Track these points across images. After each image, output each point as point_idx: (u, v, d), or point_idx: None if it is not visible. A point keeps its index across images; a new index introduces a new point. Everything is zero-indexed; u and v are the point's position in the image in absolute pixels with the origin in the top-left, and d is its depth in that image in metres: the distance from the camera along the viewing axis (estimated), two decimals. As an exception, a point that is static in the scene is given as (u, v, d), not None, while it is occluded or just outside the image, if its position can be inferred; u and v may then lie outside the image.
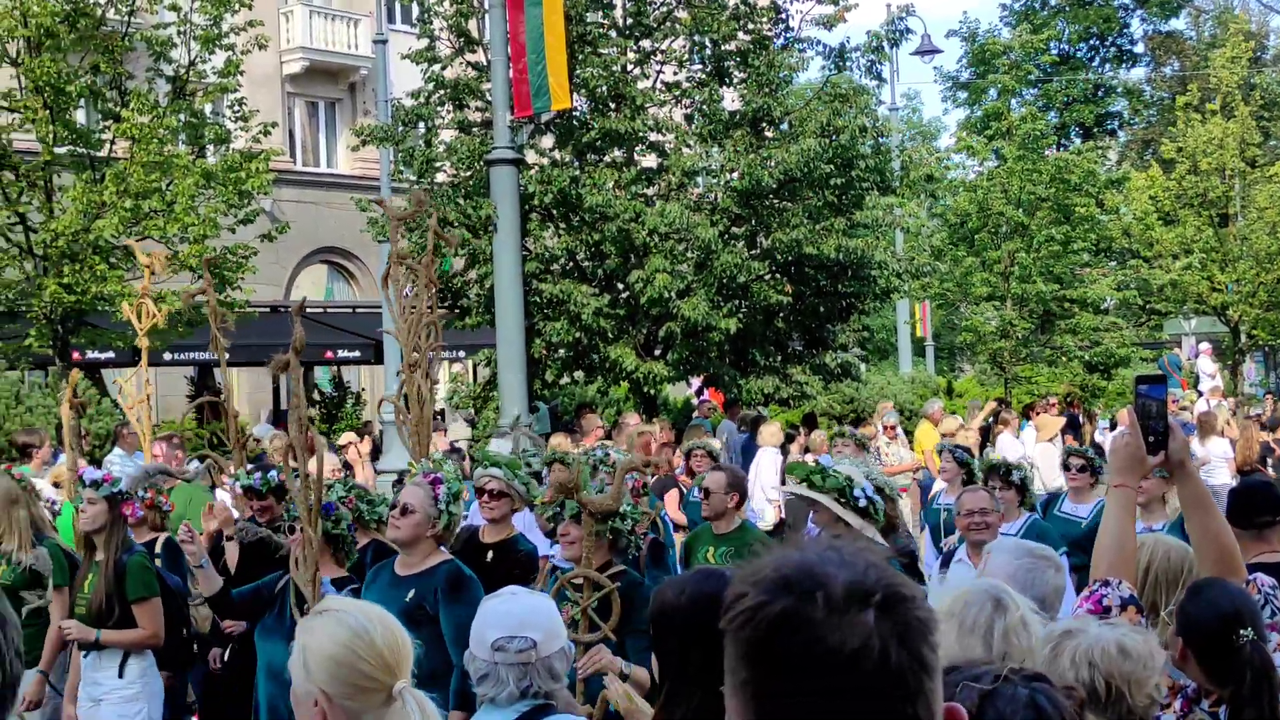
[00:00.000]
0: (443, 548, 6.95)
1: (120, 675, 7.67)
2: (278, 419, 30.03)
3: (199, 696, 9.16)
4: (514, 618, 4.03)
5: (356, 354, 28.51)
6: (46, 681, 8.13)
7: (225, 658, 8.59)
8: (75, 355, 20.83)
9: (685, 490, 12.91)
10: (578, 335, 20.34)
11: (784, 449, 17.53)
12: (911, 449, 19.56)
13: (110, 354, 23.13)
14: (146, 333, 11.40)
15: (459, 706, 6.28)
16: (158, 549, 8.89)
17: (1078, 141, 45.22)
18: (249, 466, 9.39)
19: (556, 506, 6.56)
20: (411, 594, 6.53)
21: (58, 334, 20.16)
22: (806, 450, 17.05)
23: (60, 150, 20.41)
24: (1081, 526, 9.34)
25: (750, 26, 21.45)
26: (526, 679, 3.98)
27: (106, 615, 7.62)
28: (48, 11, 19.52)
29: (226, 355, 10.37)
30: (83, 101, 21.04)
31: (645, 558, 7.70)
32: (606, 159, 21.07)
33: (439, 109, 21.72)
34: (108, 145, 21.01)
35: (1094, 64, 53.14)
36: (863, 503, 6.94)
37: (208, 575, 7.28)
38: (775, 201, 21.02)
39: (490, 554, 7.90)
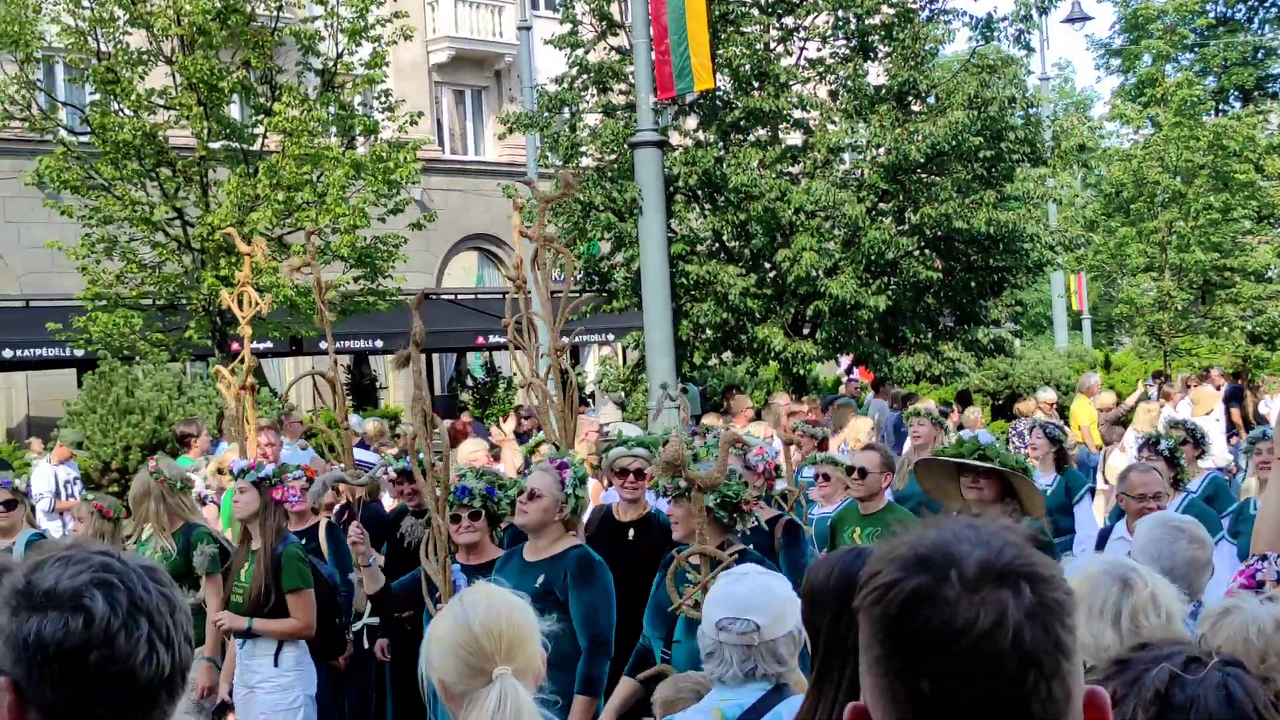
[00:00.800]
0: (573, 533, 6.96)
1: (275, 664, 7.79)
2: (433, 406, 30.44)
3: (368, 687, 9.23)
4: (739, 599, 4.03)
5: (507, 339, 28.75)
6: (216, 668, 8.27)
7: (389, 649, 8.68)
8: (234, 346, 21.30)
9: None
10: (725, 316, 20.30)
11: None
12: (1067, 424, 19.17)
13: (268, 344, 23.64)
14: (249, 321, 11.53)
15: (585, 691, 6.29)
16: (320, 534, 8.99)
17: (1236, 106, 43.91)
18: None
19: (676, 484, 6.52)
20: (541, 579, 6.54)
21: (215, 325, 20.62)
22: (961, 428, 16.80)
23: (215, 145, 20.87)
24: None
25: (894, -1, 21.21)
26: (750, 661, 3.98)
27: (263, 604, 7.74)
28: (200, 10, 19.94)
29: (374, 342, 10.47)
30: (235, 97, 21.46)
31: (780, 538, 7.64)
32: (751, 138, 20.98)
33: (583, 93, 21.80)
34: (260, 139, 21.43)
35: (1252, 26, 51.51)
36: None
37: (373, 574, 7.38)
38: (923, 176, 20.77)
39: (631, 532, 7.90)
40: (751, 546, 6.49)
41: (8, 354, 23.65)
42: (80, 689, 1.98)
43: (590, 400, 26.35)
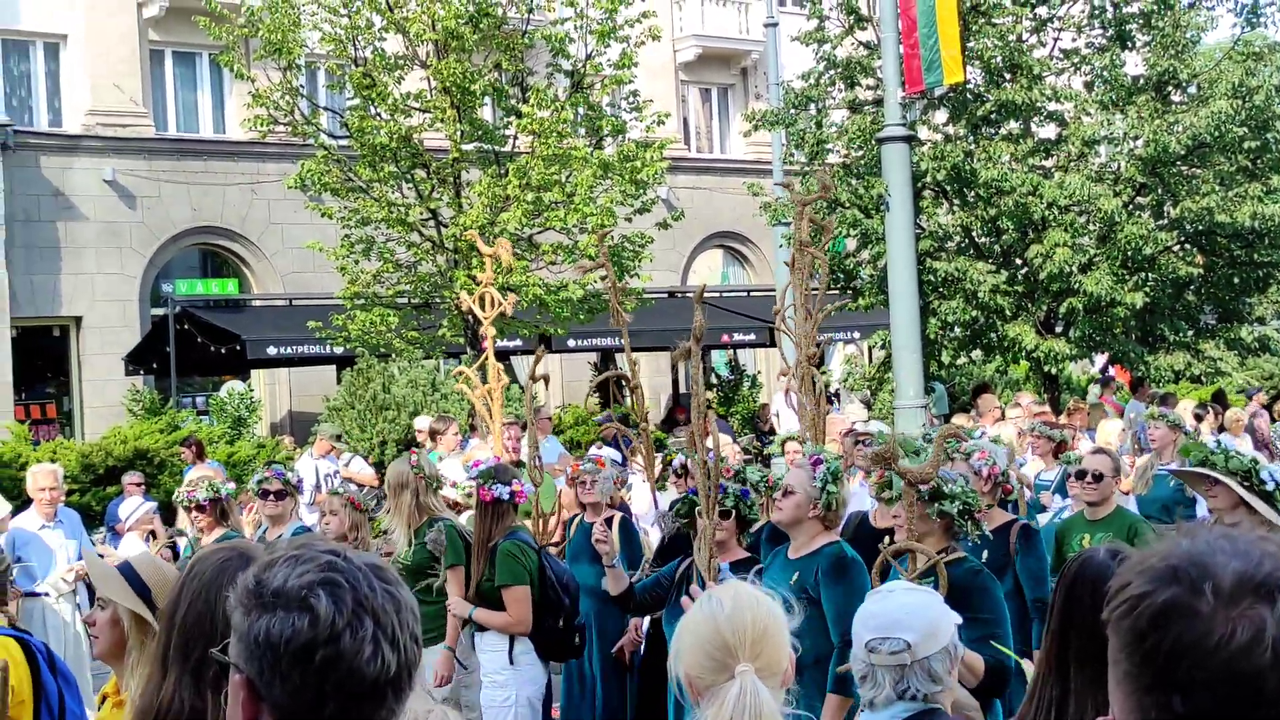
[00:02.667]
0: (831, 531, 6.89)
1: (510, 660, 7.92)
2: (678, 403, 30.64)
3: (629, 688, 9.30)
4: (887, 618, 3.89)
5: (752, 337, 28.78)
6: (454, 657, 8.45)
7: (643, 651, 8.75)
8: (484, 344, 21.76)
9: None
10: (974, 314, 19.94)
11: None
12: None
13: (517, 342, 24.11)
14: (492, 321, 11.71)
15: (837, 690, 6.19)
16: (614, 527, 9.04)
17: None
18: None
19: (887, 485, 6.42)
20: (796, 576, 6.51)
21: (468, 324, 21.10)
22: (1222, 429, 16.18)
23: (467, 147, 21.35)
24: None
25: (1155, -14, 20.52)
26: (904, 681, 3.84)
27: (480, 598, 7.92)
28: (453, 15, 20.42)
29: (620, 340, 10.55)
30: (487, 99, 21.92)
31: (1015, 543, 7.43)
32: (1002, 131, 20.56)
33: (829, 89, 21.65)
34: (510, 141, 21.86)
35: None
36: (1269, 486, 6.50)
37: (617, 575, 7.46)
38: (1183, 168, 20.07)
39: (888, 539, 7.79)
40: (970, 555, 6.35)
41: (272, 351, 24.61)
42: (308, 688, 2.02)
43: (835, 399, 26.16)
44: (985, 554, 7.34)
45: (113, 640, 4.30)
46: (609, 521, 8.83)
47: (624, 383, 9.94)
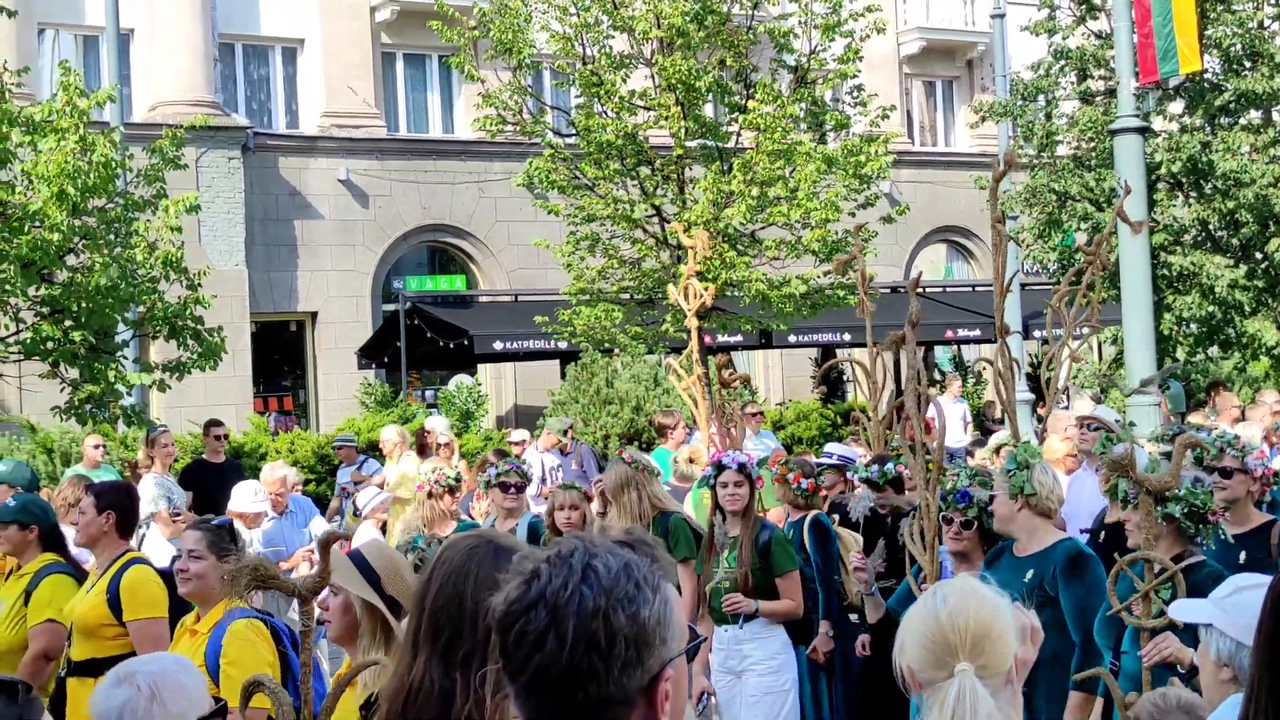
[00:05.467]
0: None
1: (787, 644, 8.05)
2: (898, 395, 30.30)
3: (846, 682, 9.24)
4: None
5: (976, 333, 28.31)
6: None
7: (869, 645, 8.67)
8: (707, 339, 21.86)
9: None
10: (1211, 309, 19.33)
11: None
12: None
13: (739, 337, 24.15)
14: (696, 312, 11.70)
15: (1080, 686, 6.07)
16: (804, 528, 9.02)
17: None
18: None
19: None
20: (1030, 574, 6.37)
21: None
22: None
23: (691, 144, 21.43)
24: None
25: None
26: None
27: (751, 589, 7.96)
28: (679, 12, 20.53)
29: (842, 335, 10.52)
30: (711, 96, 21.98)
31: (1278, 545, 7.16)
32: (1241, 122, 19.88)
33: (1059, 80, 21.20)
34: (734, 137, 21.88)
35: None
36: None
37: (876, 602, 7.48)
38: None
39: (1103, 534, 7.63)
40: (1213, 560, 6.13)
41: (498, 345, 25.08)
42: (505, 659, 2.19)
43: (1064, 395, 25.60)
44: (1243, 555, 7.12)
45: (345, 625, 4.46)
46: (800, 523, 8.78)
47: (855, 372, 9.88)
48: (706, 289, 11.98)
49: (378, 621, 4.34)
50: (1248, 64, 19.70)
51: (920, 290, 7.18)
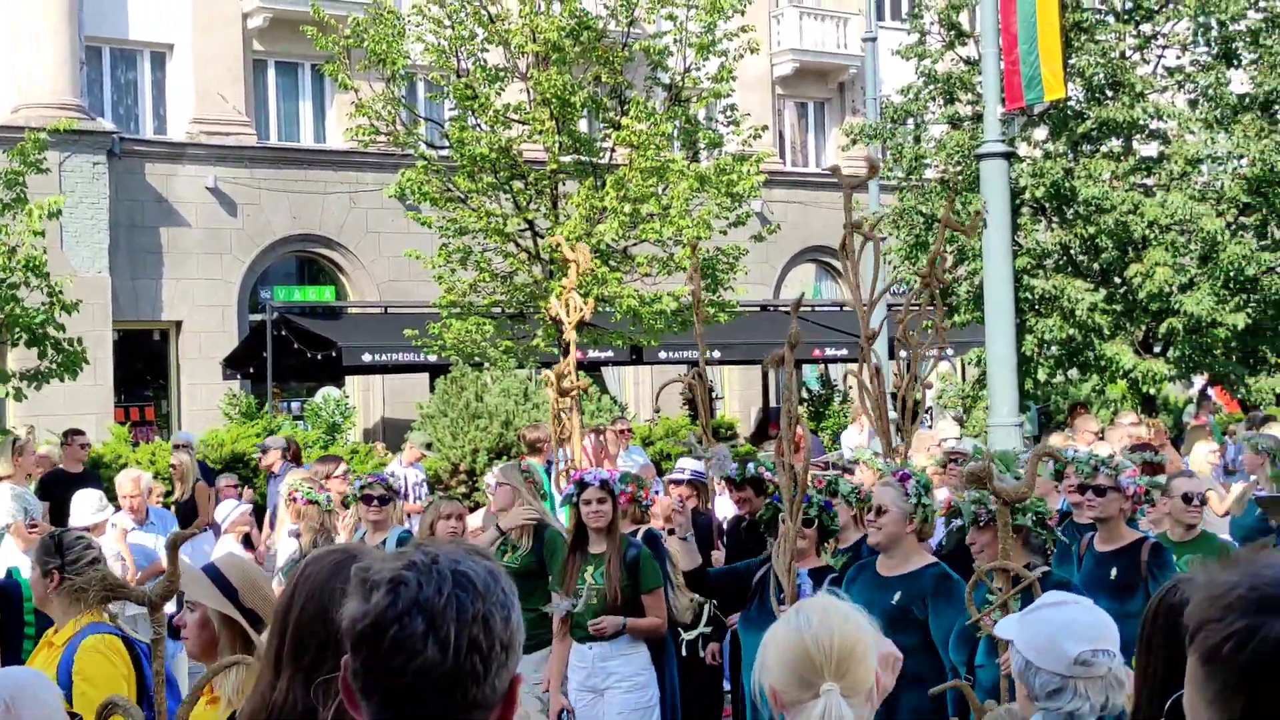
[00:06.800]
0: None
1: (649, 662, 8.05)
2: (768, 416, 30.56)
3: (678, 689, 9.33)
4: (1096, 629, 3.81)
5: (844, 351, 28.64)
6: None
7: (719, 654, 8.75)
8: (579, 354, 21.84)
9: None
10: (1071, 332, 19.74)
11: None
12: None
13: (609, 353, 24.18)
14: (575, 325, 11.76)
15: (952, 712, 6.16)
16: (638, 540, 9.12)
17: None
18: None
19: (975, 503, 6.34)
20: (899, 595, 6.46)
21: (561, 334, 21.11)
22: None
23: (565, 159, 21.43)
24: None
25: (1263, 4, 20.22)
26: (1103, 693, 3.79)
27: (620, 605, 7.96)
28: (555, 27, 20.53)
29: (712, 353, 10.60)
30: (585, 111, 22.00)
31: (1147, 561, 7.35)
32: (1103, 149, 20.35)
33: (928, 104, 21.55)
34: (608, 153, 21.92)
35: None
36: None
37: (689, 549, 7.49)
38: (1290, 189, 19.77)
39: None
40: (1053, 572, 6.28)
41: (367, 358, 24.88)
42: (366, 671, 2.17)
43: (928, 415, 25.99)
44: (1114, 571, 7.29)
45: (203, 641, 4.37)
46: (632, 535, 8.86)
47: (702, 393, 9.97)
48: (587, 303, 12.01)
49: (237, 635, 4.27)
50: (1109, 93, 20.16)
51: (793, 309, 7.23)
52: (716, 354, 25.97)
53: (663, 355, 25.89)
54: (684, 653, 8.95)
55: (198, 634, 4.38)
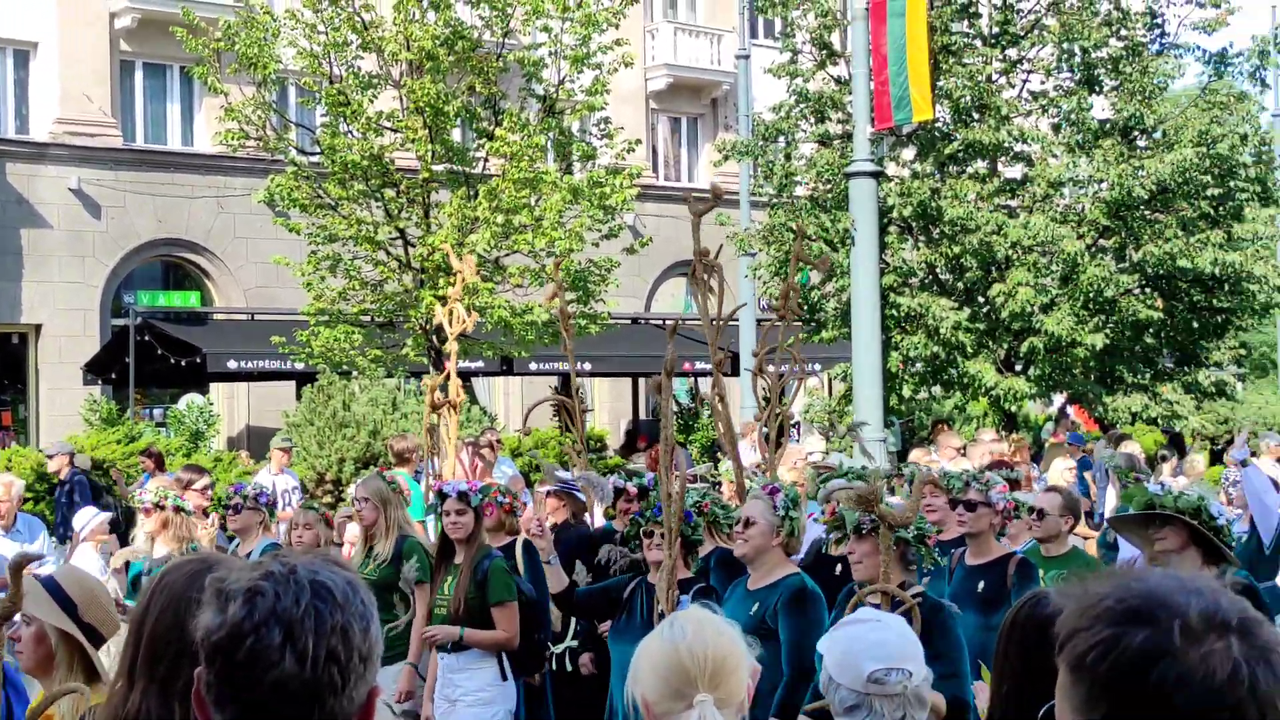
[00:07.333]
0: (793, 558, 6.92)
1: (497, 678, 7.93)
2: (638, 429, 30.64)
3: (552, 700, 9.35)
4: (892, 648, 3.85)
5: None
6: (416, 673, 8.47)
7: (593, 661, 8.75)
8: (447, 365, 21.71)
9: None
10: (935, 349, 20.06)
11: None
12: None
13: (480, 364, 24.07)
14: (456, 337, 11.74)
15: (779, 715, 6.19)
16: (517, 552, 9.10)
17: None
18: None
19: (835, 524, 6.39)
20: (755, 607, 6.52)
21: (431, 344, 21.03)
22: (1178, 474, 16.29)
23: (438, 168, 21.31)
24: None
25: (1124, 33, 20.74)
26: (900, 710, 3.84)
27: (467, 617, 7.89)
28: (429, 35, 20.43)
29: (583, 365, 10.61)
30: (459, 121, 21.91)
31: (1013, 576, 7.48)
32: (969, 170, 20.72)
33: (799, 123, 21.78)
34: (481, 163, 21.85)
35: None
36: (1220, 523, 6.46)
37: (555, 572, 7.48)
38: (1147, 213, 20.28)
39: (839, 566, 7.84)
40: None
41: (232, 365, 24.52)
42: (221, 683, 2.13)
43: (795, 429, 26.24)
44: (981, 584, 7.41)
45: (39, 656, 4.25)
46: (510, 547, 8.85)
47: (572, 408, 10.01)
48: (470, 313, 11.97)
49: (75, 651, 4.17)
50: (976, 115, 20.54)
51: (662, 324, 7.29)
52: (587, 366, 26.00)
53: (533, 367, 25.84)
54: (552, 666, 8.95)
55: (33, 648, 4.25)
